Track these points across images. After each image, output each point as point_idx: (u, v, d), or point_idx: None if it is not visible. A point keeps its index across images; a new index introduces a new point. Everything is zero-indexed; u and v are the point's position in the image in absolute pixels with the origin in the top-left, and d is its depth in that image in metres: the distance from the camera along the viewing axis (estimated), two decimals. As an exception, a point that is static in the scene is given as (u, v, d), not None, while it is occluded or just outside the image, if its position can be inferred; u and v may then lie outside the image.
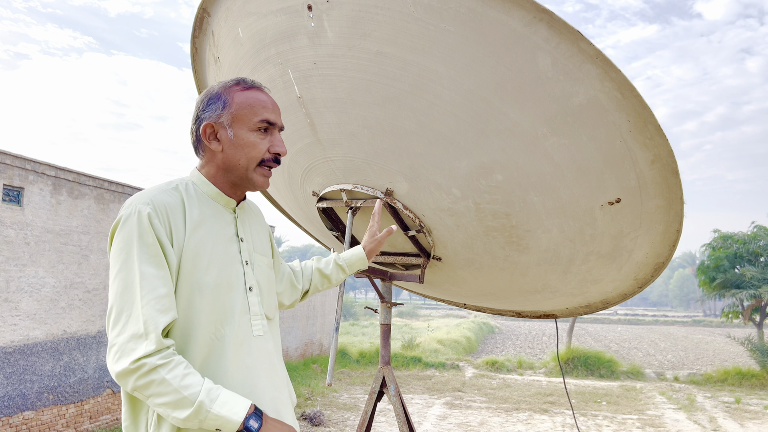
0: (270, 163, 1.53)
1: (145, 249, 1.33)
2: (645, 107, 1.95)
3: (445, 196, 2.51)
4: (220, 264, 1.45)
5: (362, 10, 2.05)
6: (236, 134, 1.49)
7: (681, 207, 2.26)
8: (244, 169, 1.51)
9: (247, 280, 1.51)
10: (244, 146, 1.49)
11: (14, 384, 7.47)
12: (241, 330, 1.45)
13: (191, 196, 1.48)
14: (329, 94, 2.36)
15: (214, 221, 1.49)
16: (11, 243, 7.49)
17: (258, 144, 1.50)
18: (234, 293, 1.46)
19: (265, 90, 1.57)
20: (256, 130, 1.50)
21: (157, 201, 1.40)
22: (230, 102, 1.50)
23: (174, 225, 1.40)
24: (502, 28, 1.89)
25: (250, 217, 1.65)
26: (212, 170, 1.53)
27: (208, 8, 2.53)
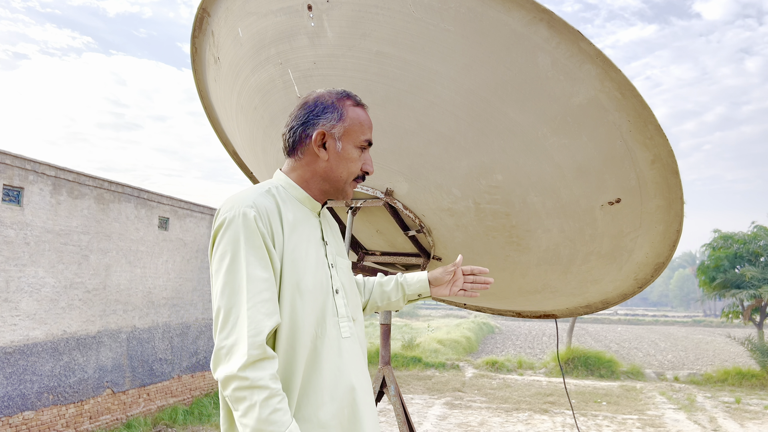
0: (358, 180, 1.59)
1: (252, 251, 1.36)
2: (645, 107, 1.95)
3: (445, 196, 2.51)
4: (314, 267, 1.49)
5: (362, 10, 2.05)
6: (344, 148, 1.54)
7: (681, 207, 2.26)
8: (343, 182, 1.56)
9: (333, 283, 1.55)
10: (348, 160, 1.54)
11: (14, 384, 7.47)
12: (332, 332, 1.49)
13: (284, 200, 1.51)
14: (329, 94, 2.36)
15: (305, 225, 1.53)
16: (11, 243, 7.49)
17: (358, 161, 1.56)
18: (325, 296, 1.50)
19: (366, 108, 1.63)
20: (358, 147, 1.55)
21: (259, 204, 1.42)
22: (345, 116, 1.54)
23: (275, 228, 1.43)
24: (502, 28, 1.89)
25: (329, 222, 1.69)
26: (307, 175, 1.56)
27: (208, 8, 2.53)
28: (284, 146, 1.58)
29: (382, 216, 2.83)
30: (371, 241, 3.15)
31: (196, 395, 11.42)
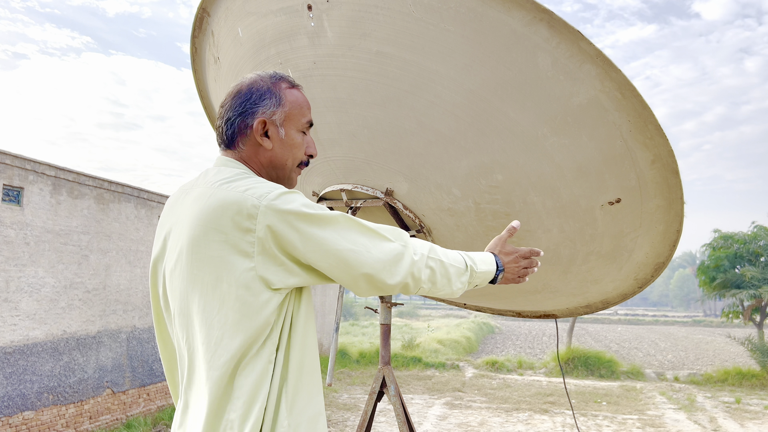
0: (302, 166, 1.53)
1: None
2: (645, 107, 1.95)
3: (445, 196, 2.51)
4: None
5: (362, 10, 2.05)
6: (288, 134, 1.47)
7: (681, 207, 2.26)
8: (288, 170, 1.50)
9: None
10: (292, 146, 1.48)
11: (14, 384, 7.47)
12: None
13: None
14: (329, 93, 2.36)
15: None
16: (11, 243, 7.49)
17: (302, 145, 1.50)
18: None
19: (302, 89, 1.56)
20: (301, 131, 1.49)
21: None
22: (284, 100, 1.47)
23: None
24: (502, 27, 1.89)
25: None
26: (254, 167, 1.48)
27: (207, 8, 2.53)
28: (221, 139, 1.48)
29: (382, 216, 2.83)
30: (371, 241, 3.15)
31: (196, 395, 11.41)
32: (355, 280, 1.35)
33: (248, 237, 1.26)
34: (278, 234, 1.27)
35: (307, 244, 1.29)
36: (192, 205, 1.34)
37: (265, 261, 1.28)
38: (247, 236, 1.26)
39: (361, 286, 1.37)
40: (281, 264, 1.30)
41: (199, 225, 1.30)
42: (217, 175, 1.38)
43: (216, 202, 1.29)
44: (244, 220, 1.26)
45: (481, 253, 1.63)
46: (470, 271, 1.54)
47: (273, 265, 1.29)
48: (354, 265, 1.33)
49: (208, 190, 1.33)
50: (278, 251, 1.28)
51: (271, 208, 1.26)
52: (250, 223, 1.26)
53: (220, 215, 1.27)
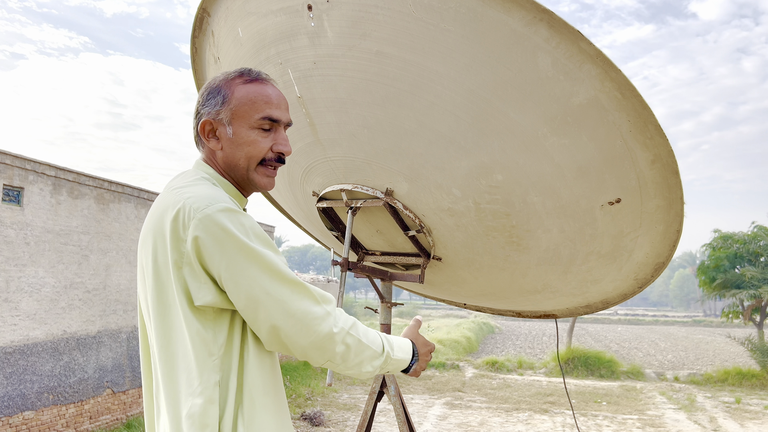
0: (272, 162, 1.40)
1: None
2: (645, 107, 1.95)
3: (446, 196, 2.51)
4: None
5: (362, 10, 2.05)
6: (235, 132, 1.36)
7: (681, 207, 2.26)
8: (244, 170, 1.39)
9: None
10: (243, 145, 1.36)
11: (14, 384, 7.47)
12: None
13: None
14: (329, 94, 2.36)
15: None
16: (11, 243, 7.49)
17: (259, 142, 1.37)
18: None
19: (272, 82, 1.43)
20: (257, 128, 1.37)
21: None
22: (230, 96, 1.37)
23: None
24: (502, 28, 1.89)
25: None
26: (217, 169, 1.42)
27: (208, 8, 2.53)
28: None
29: (382, 216, 2.83)
30: (371, 241, 3.15)
31: (196, 395, 11.41)
32: (259, 328, 1.25)
33: (180, 246, 1.22)
34: (202, 249, 1.20)
35: (227, 272, 1.21)
36: (152, 209, 1.36)
37: (190, 274, 1.22)
38: (179, 245, 1.22)
39: (264, 335, 1.26)
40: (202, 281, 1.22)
41: (151, 229, 1.30)
42: (181, 178, 1.37)
43: (162, 208, 1.29)
44: (179, 228, 1.22)
45: (399, 338, 1.53)
46: (386, 356, 1.42)
47: (194, 281, 1.22)
48: (263, 312, 1.23)
49: (163, 194, 1.33)
50: (199, 266, 1.22)
51: (204, 220, 1.20)
52: (183, 233, 1.22)
53: (163, 221, 1.26)
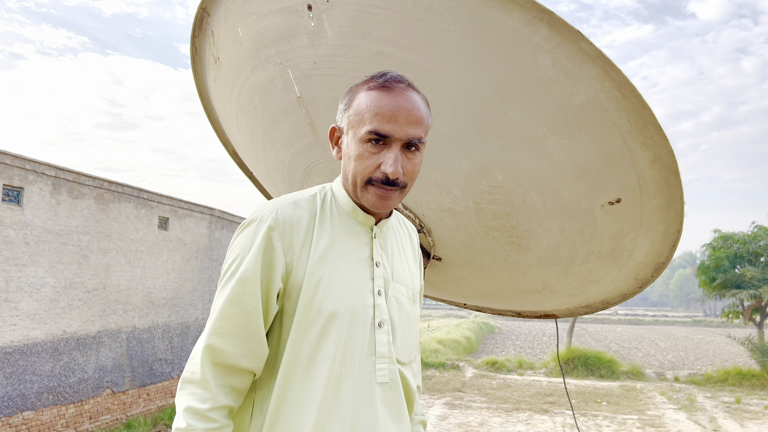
0: (379, 184, 1.22)
1: (243, 268, 1.17)
2: (645, 107, 1.95)
3: (445, 196, 2.51)
4: (345, 291, 1.21)
5: (362, 10, 2.05)
6: (349, 143, 1.26)
7: (681, 207, 2.26)
8: (353, 186, 1.25)
9: (377, 314, 1.25)
10: (352, 159, 1.24)
11: (14, 384, 7.47)
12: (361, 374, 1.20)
13: (326, 210, 1.28)
14: (329, 93, 2.36)
15: (346, 241, 1.27)
16: (11, 243, 7.48)
17: (365, 158, 1.22)
18: (358, 328, 1.22)
19: (401, 91, 1.26)
20: (366, 141, 1.22)
21: (282, 213, 1.23)
22: (350, 103, 1.27)
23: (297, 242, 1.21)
24: (502, 27, 1.89)
25: (397, 239, 1.39)
26: (341, 182, 1.32)
27: (207, 8, 2.53)
28: None
29: (382, 216, 2.83)
30: (371, 241, 3.15)
31: (196, 395, 11.42)
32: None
33: None
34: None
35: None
36: None
37: None
38: None
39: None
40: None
41: None
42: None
43: None
44: None
45: None
46: None
47: None
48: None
49: None
50: None
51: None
52: None
53: None
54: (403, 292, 1.34)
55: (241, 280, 1.16)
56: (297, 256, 1.20)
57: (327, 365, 1.17)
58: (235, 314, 1.14)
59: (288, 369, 1.16)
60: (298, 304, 1.18)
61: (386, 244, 1.34)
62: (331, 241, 1.24)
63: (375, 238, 1.31)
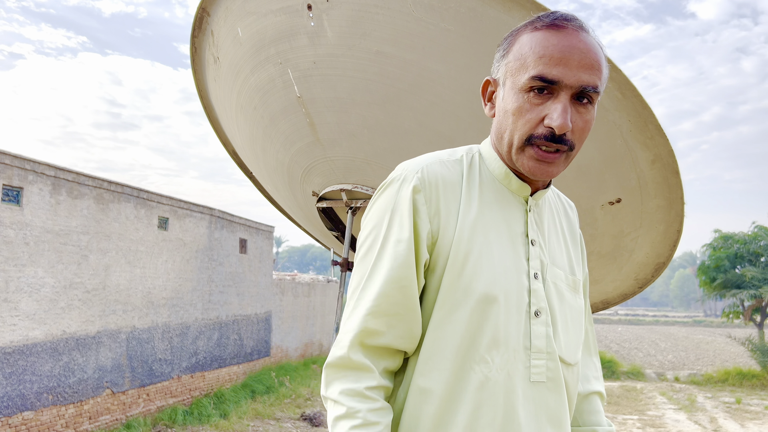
0: (542, 142, 0.98)
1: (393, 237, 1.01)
2: (645, 107, 1.95)
3: (445, 196, 2.51)
4: (496, 270, 1.02)
5: (362, 10, 2.04)
6: (505, 96, 1.04)
7: (682, 207, 2.26)
8: (508, 147, 1.03)
9: (533, 300, 1.04)
10: (508, 113, 1.02)
11: (13, 384, 7.47)
12: (513, 369, 1.00)
13: (473, 173, 1.08)
14: (329, 93, 2.36)
15: (496, 211, 1.06)
16: (10, 243, 7.48)
17: (527, 111, 0.99)
18: (512, 315, 1.01)
19: (574, 30, 1.00)
20: (527, 91, 0.99)
21: (429, 172, 1.04)
22: (509, 48, 1.06)
23: (444, 208, 1.03)
24: (502, 27, 1.89)
25: (553, 216, 1.17)
26: (491, 143, 1.12)
27: (207, 8, 2.52)
28: None
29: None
30: (371, 242, 3.15)
31: (196, 395, 11.42)
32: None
33: None
34: None
35: None
36: None
37: None
38: None
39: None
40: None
41: None
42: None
43: None
44: None
45: None
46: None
47: None
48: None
49: None
50: None
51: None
52: None
53: None
54: (562, 278, 1.11)
55: (393, 250, 0.99)
56: (444, 223, 1.02)
57: (475, 355, 0.99)
58: (392, 290, 0.98)
59: (428, 354, 1.00)
60: (443, 280, 1.01)
61: (542, 221, 1.11)
62: (480, 211, 1.04)
63: (530, 211, 1.09)
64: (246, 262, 13.76)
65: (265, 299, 14.63)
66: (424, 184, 1.02)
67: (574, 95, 0.99)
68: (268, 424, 10.40)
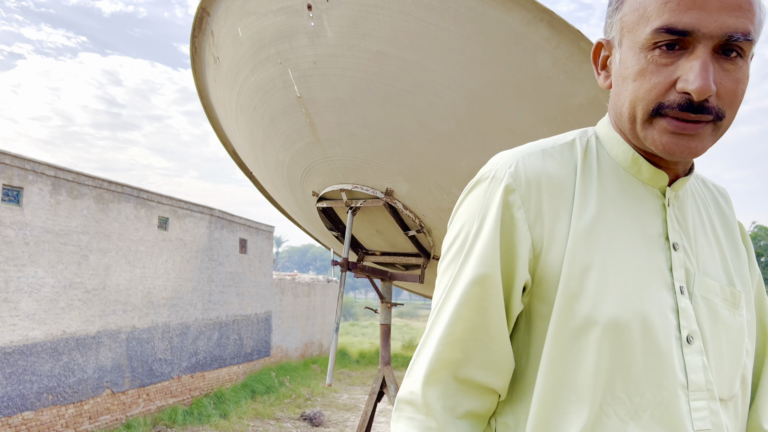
0: (675, 112, 0.73)
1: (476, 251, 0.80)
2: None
3: (446, 196, 2.51)
4: (630, 286, 0.78)
5: (362, 10, 2.04)
6: (622, 58, 0.80)
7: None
8: (631, 122, 0.79)
9: (682, 323, 0.79)
10: (628, 79, 0.78)
11: (13, 384, 7.47)
12: (665, 415, 0.75)
13: (590, 162, 0.84)
14: (329, 93, 2.36)
15: (623, 209, 0.82)
16: (10, 243, 7.48)
17: (652, 73, 0.75)
18: (658, 344, 0.76)
19: None
20: (650, 49, 0.75)
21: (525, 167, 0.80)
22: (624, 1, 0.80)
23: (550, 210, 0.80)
24: (502, 27, 1.89)
25: (699, 209, 0.91)
26: (610, 120, 0.89)
27: (207, 8, 2.52)
28: None
29: (382, 216, 2.83)
30: (371, 241, 3.15)
31: (196, 395, 11.42)
32: None
33: None
34: None
35: None
36: None
37: None
38: None
39: None
40: None
41: None
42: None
43: None
44: None
45: None
46: None
47: None
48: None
49: None
50: None
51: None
52: None
53: None
54: (716, 291, 0.84)
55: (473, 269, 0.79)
56: (549, 231, 0.79)
57: (612, 400, 0.75)
58: (469, 314, 0.79)
59: (546, 398, 0.77)
60: (556, 305, 0.78)
61: (685, 217, 0.86)
62: (601, 209, 0.81)
63: (668, 206, 0.84)
64: (246, 262, 13.76)
65: (265, 299, 14.63)
66: (520, 181, 0.80)
67: (716, 47, 0.73)
68: (268, 424, 10.40)
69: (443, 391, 0.80)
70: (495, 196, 0.80)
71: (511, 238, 0.79)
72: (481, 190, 0.83)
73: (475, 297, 0.79)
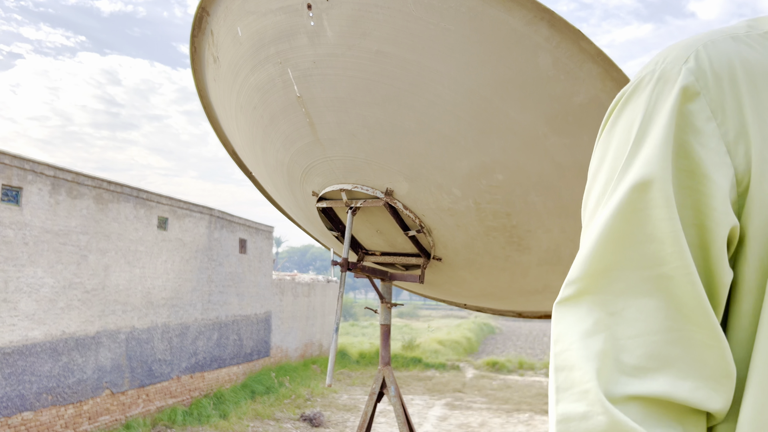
0: None
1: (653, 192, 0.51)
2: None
3: (446, 196, 2.50)
4: None
5: (362, 9, 2.04)
6: None
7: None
8: None
9: None
10: None
11: (13, 384, 7.46)
12: None
13: None
14: (329, 93, 2.35)
15: None
16: (10, 243, 7.47)
17: None
18: None
19: None
20: None
21: (714, 55, 0.53)
22: None
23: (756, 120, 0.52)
24: (502, 27, 1.88)
25: None
26: None
27: (207, 7, 2.52)
28: None
29: (382, 216, 2.82)
30: (371, 241, 3.14)
31: (195, 396, 11.41)
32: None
33: None
34: None
35: None
36: None
37: None
38: None
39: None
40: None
41: None
42: None
43: None
44: None
45: None
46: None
47: None
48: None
49: None
50: None
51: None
52: None
53: None
54: None
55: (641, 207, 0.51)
56: (761, 146, 0.51)
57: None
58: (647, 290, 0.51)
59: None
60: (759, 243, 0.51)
61: None
62: None
63: None
64: (246, 262, 13.75)
65: (265, 299, 14.62)
66: (706, 79, 0.52)
67: None
68: (268, 424, 10.40)
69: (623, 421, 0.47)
70: (664, 107, 0.52)
71: (699, 167, 0.51)
72: (644, 95, 0.54)
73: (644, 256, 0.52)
